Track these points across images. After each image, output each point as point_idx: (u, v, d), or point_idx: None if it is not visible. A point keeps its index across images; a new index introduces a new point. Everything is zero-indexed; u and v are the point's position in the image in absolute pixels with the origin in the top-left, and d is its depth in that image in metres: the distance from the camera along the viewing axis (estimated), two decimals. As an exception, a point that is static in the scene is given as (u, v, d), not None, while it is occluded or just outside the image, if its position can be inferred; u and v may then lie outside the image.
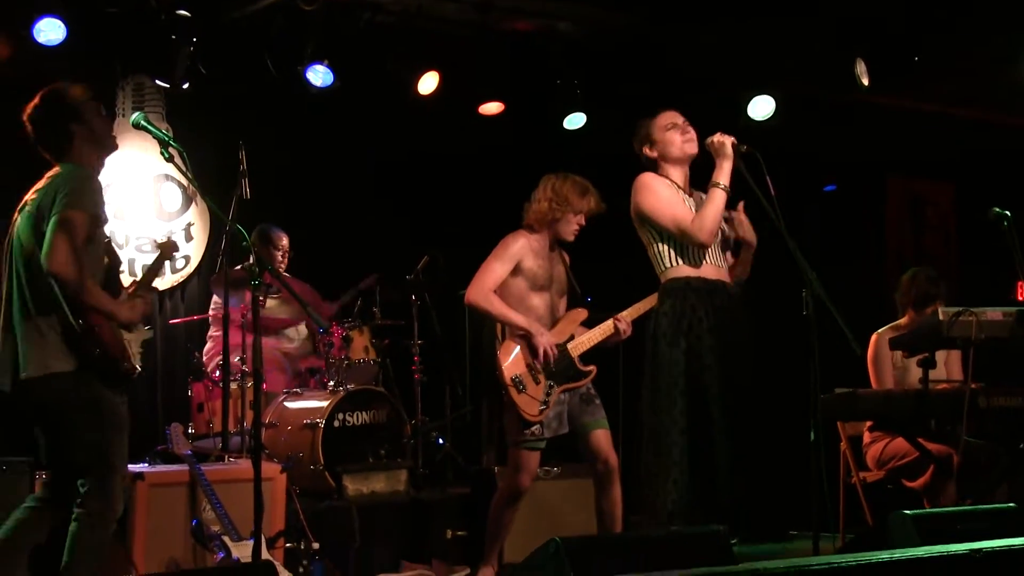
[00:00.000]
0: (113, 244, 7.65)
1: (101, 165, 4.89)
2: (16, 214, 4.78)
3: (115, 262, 4.98)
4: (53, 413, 4.64)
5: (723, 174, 5.20)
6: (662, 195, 5.31)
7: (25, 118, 4.80)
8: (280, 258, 7.65)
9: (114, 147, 4.94)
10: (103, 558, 4.61)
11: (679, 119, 5.42)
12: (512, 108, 8.61)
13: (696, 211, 5.27)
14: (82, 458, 4.60)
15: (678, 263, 5.28)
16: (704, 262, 5.27)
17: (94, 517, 4.56)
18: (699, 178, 5.43)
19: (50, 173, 4.72)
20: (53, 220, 4.48)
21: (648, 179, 5.37)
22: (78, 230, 4.50)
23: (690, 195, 5.40)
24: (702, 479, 5.02)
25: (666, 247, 5.30)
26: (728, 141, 5.22)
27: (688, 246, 5.25)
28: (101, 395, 4.61)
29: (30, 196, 4.72)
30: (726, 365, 5.10)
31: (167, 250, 5.29)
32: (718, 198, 5.19)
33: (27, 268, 4.64)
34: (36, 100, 4.82)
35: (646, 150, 5.46)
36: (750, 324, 5.32)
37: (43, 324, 4.58)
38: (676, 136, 5.38)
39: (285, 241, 7.71)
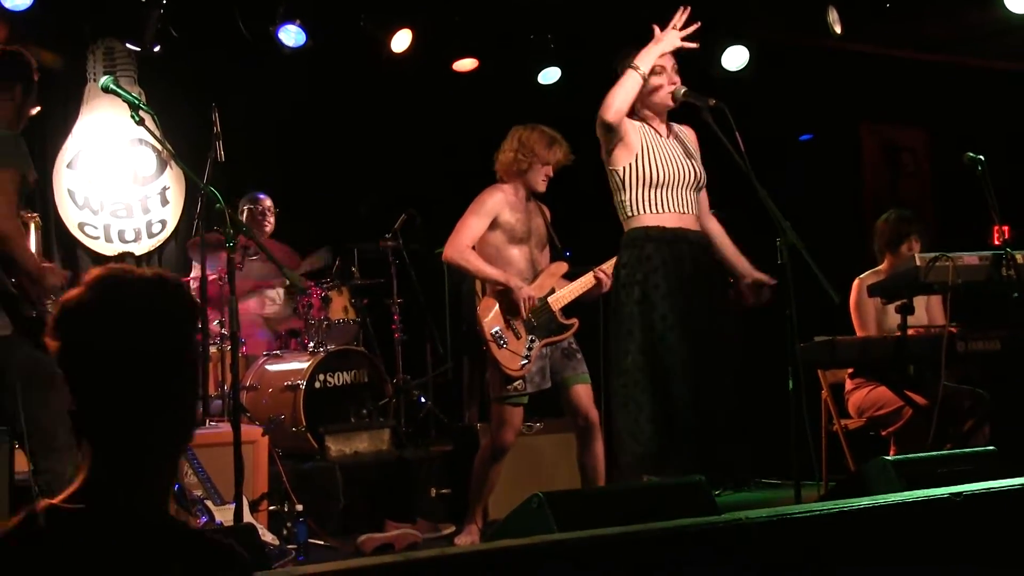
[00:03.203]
0: (88, 209, 7.71)
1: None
2: None
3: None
4: None
5: (645, 60, 5.01)
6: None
7: None
8: (266, 221, 7.65)
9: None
10: None
11: (668, 63, 5.16)
12: (486, 64, 8.57)
13: (672, 155, 5.14)
14: (31, 420, 4.46)
15: (638, 212, 5.11)
16: (666, 209, 5.10)
17: (54, 481, 4.38)
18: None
19: None
20: None
21: None
22: (11, 189, 4.37)
23: (667, 136, 5.23)
24: (664, 429, 4.95)
25: (627, 195, 5.13)
26: (674, 35, 5.05)
27: (648, 194, 5.08)
28: (38, 357, 4.42)
29: None
30: (685, 314, 4.96)
31: None
32: (629, 80, 4.98)
33: None
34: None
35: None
36: (718, 273, 5.25)
37: None
38: (656, 81, 5.14)
39: (268, 203, 7.71)
